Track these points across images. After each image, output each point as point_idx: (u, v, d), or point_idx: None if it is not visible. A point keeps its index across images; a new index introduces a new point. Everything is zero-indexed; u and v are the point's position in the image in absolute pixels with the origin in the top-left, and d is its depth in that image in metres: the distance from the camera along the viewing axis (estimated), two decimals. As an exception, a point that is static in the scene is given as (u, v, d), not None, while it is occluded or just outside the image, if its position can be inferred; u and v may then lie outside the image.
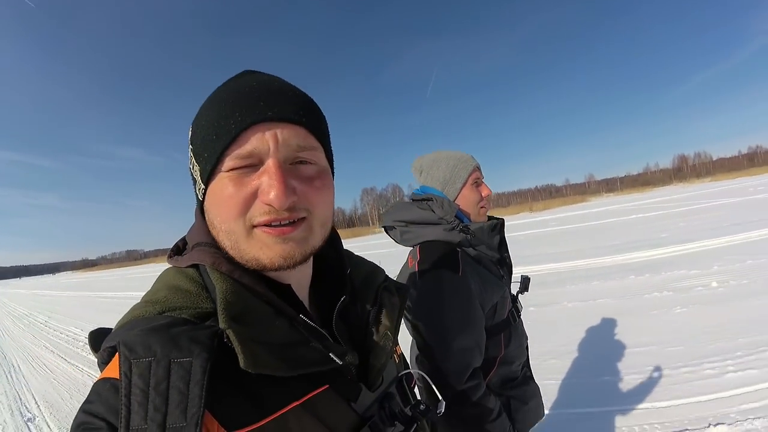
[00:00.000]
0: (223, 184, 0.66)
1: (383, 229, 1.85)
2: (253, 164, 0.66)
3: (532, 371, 1.88)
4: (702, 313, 5.39)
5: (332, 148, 0.80)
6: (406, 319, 1.61)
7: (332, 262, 0.87)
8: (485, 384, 1.56)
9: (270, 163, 0.65)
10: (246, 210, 0.65)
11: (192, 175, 0.73)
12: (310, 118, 0.71)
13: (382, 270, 0.97)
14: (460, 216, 1.71)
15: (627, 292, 6.87)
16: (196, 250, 0.72)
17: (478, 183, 1.75)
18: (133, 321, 0.65)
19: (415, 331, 1.57)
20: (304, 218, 0.68)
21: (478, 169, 1.76)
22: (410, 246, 1.73)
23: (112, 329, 0.68)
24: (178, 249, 0.79)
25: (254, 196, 0.65)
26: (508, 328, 1.69)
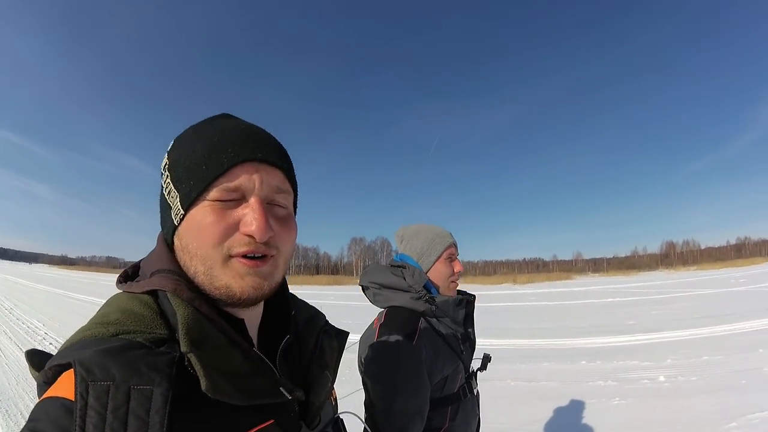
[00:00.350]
0: (206, 211, 0.71)
1: (361, 288, 1.96)
2: (236, 198, 0.73)
3: None
4: (638, 407, 5.32)
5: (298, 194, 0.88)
6: (360, 372, 1.69)
7: (279, 302, 0.92)
8: None
9: (254, 200, 0.72)
10: (225, 239, 0.71)
11: (165, 201, 0.78)
12: (287, 164, 0.81)
13: (323, 315, 1.02)
14: (429, 287, 1.82)
15: (571, 378, 6.79)
16: (157, 276, 0.74)
17: (452, 258, 1.88)
18: (84, 341, 0.65)
19: (364, 387, 1.65)
20: (273, 255, 0.75)
21: (454, 245, 1.90)
22: (380, 308, 1.84)
23: (50, 354, 0.68)
24: (128, 275, 0.82)
25: (235, 227, 0.71)
26: (457, 402, 1.76)
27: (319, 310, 1.03)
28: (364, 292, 1.94)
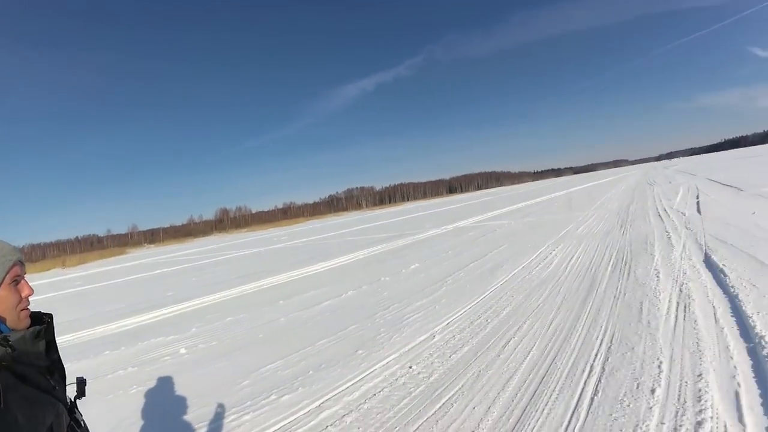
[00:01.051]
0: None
1: None
2: (18, 281, 1.42)
3: None
4: (158, 389, 5.40)
5: None
6: None
7: None
8: None
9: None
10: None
11: None
12: None
13: None
14: None
15: (91, 375, 6.26)
16: None
17: (17, 281, 1.55)
18: None
19: None
20: None
21: (19, 263, 1.56)
22: None
23: None
24: None
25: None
26: None
27: None
28: None
